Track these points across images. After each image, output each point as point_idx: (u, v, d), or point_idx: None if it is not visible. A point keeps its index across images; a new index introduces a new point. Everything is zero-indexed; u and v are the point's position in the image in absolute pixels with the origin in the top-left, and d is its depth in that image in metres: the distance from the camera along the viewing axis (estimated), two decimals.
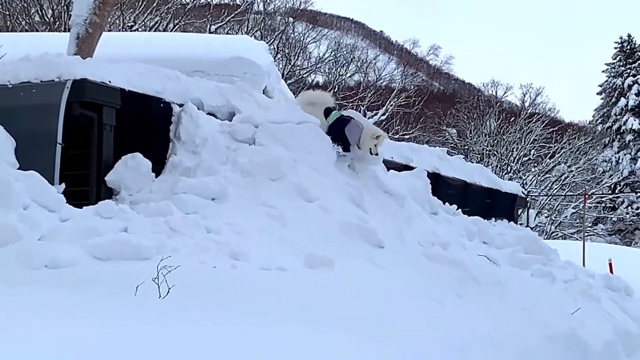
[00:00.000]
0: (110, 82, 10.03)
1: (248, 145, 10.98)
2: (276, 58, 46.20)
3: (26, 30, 37.68)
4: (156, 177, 9.86)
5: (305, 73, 57.89)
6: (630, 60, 68.44)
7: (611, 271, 19.97)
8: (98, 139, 9.93)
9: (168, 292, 5.99)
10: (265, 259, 7.60)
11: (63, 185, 9.09)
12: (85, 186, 9.79)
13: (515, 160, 57.91)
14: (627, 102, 65.65)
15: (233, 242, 7.94)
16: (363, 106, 48.82)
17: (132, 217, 8.31)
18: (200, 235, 8.11)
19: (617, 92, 67.82)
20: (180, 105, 10.85)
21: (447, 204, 15.24)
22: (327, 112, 12.25)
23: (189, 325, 5.37)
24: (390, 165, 14.37)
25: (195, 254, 7.48)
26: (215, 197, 9.31)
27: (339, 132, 11.88)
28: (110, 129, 10.00)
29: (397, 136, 44.79)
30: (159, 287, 6.01)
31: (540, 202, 56.10)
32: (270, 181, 10.10)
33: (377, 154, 11.91)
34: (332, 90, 46.19)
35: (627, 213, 64.48)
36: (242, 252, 7.69)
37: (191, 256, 7.35)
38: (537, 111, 66.52)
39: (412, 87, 63.02)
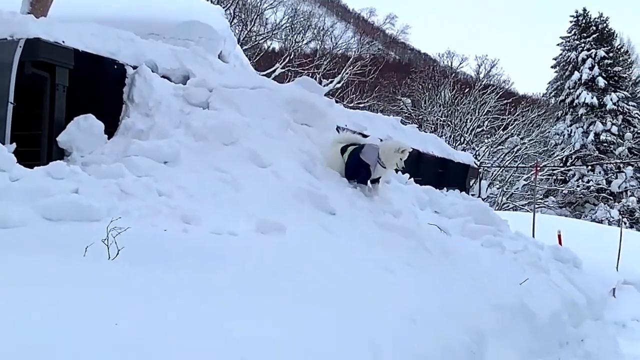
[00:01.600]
0: (63, 42, 9.92)
1: (202, 109, 10.95)
2: (232, 23, 45.92)
3: None
4: (109, 139, 9.80)
5: (262, 39, 57.68)
6: (585, 35, 68.65)
7: (560, 243, 20.14)
8: (50, 100, 9.83)
9: (117, 253, 5.97)
10: (216, 223, 7.59)
11: (14, 145, 9.01)
12: (36, 147, 9.70)
13: (469, 131, 58.11)
14: (581, 75, 65.93)
15: (185, 205, 7.93)
16: (319, 74, 48.75)
17: (83, 178, 8.24)
18: (151, 198, 8.07)
19: (571, 65, 68.05)
20: (134, 68, 10.77)
21: (399, 172, 15.28)
22: (344, 149, 12.10)
23: (137, 286, 5.37)
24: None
25: (146, 217, 7.45)
26: (168, 161, 9.26)
27: (356, 161, 11.82)
28: (63, 89, 9.90)
29: (352, 104, 44.76)
30: (108, 249, 5.99)
31: (493, 173, 56.39)
32: (223, 145, 10.08)
33: (403, 168, 11.99)
34: (288, 57, 46.07)
35: (578, 186, 64.95)
36: (193, 216, 7.67)
37: (142, 219, 7.33)
38: (491, 83, 66.85)
39: (368, 56, 62.92)
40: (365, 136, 14.94)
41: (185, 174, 8.88)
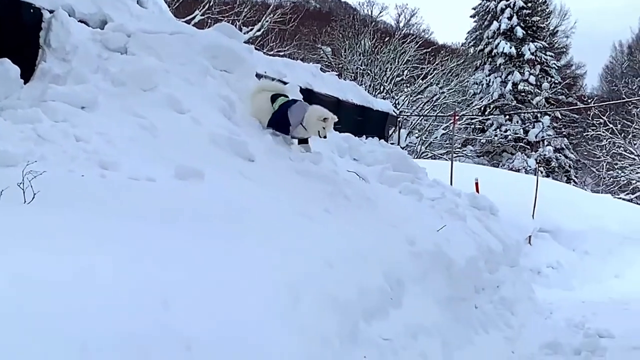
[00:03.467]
0: None
1: (120, 55, 10.84)
2: None
3: None
4: (25, 83, 9.65)
5: None
6: None
7: (477, 191, 20.38)
8: None
9: (33, 197, 5.93)
10: (134, 169, 7.55)
11: None
12: None
13: (389, 80, 58.27)
14: (500, 25, 66.37)
15: (102, 151, 7.86)
16: (239, 21, 48.28)
17: None
18: (69, 143, 7.98)
19: (490, 15, 68.44)
20: (51, 12, 10.59)
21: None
22: (274, 98, 11.93)
23: (53, 229, 5.36)
24: None
25: (63, 163, 7.36)
26: (86, 106, 9.14)
27: (280, 115, 11.65)
28: None
29: (272, 52, 44.53)
30: (24, 193, 5.94)
31: (412, 122, 56.70)
32: (141, 91, 10.00)
33: (325, 137, 11.76)
34: (208, 4, 45.61)
35: (496, 135, 65.65)
36: (111, 162, 7.61)
37: (59, 164, 7.24)
38: (411, 32, 67.06)
39: (288, 4, 62.45)
40: (284, 83, 14.90)
41: (103, 120, 8.79)
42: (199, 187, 7.74)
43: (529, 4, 67.55)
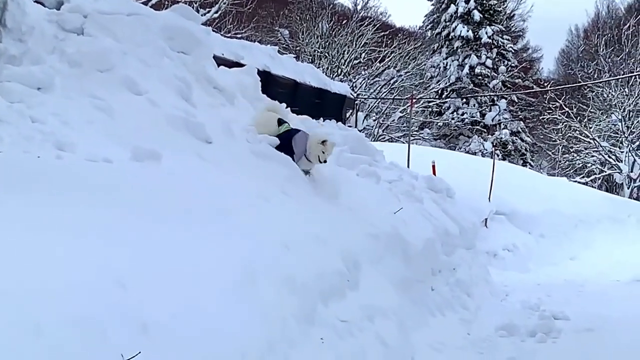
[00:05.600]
0: None
1: (76, 36, 10.76)
2: None
3: None
4: None
5: None
6: None
7: (434, 173, 20.46)
8: None
9: None
10: (91, 151, 7.50)
11: None
12: None
13: (346, 63, 58.29)
14: (457, 9, 66.46)
15: (58, 132, 7.80)
16: (196, 3, 48.05)
17: None
18: (25, 124, 7.91)
19: None
20: None
21: (276, 102, 15.30)
22: (280, 122, 11.87)
23: (7, 210, 5.33)
24: (220, 61, 14.34)
25: (19, 143, 7.30)
26: (41, 87, 9.06)
27: (285, 142, 11.47)
28: None
29: (229, 35, 44.35)
30: None
31: (369, 105, 56.81)
32: (98, 72, 9.93)
33: (325, 161, 11.38)
34: None
35: (453, 119, 65.89)
36: (67, 143, 7.56)
37: (15, 145, 7.18)
38: (368, 15, 66.96)
39: None
40: (241, 65, 14.89)
41: (60, 101, 8.73)
42: (156, 168, 7.72)
43: None
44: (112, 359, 4.33)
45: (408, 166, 20.97)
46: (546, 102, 62.46)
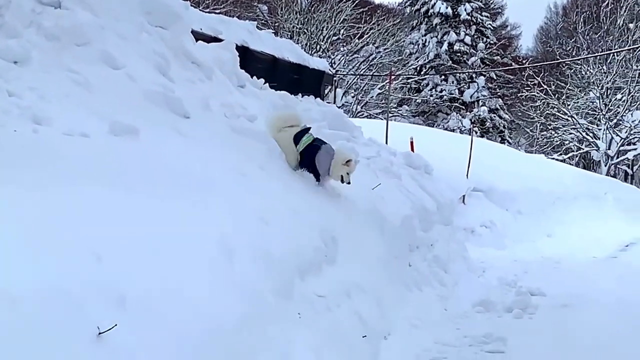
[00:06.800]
0: None
1: (54, 9, 10.66)
2: None
3: None
4: None
5: None
6: None
7: (412, 149, 20.48)
8: None
9: None
10: (68, 125, 7.46)
11: None
12: None
13: (325, 40, 58.14)
14: None
15: (35, 106, 7.75)
16: None
17: None
18: (1, 98, 7.87)
19: None
20: None
21: (254, 78, 15.29)
22: (297, 138, 11.12)
23: None
24: (198, 36, 14.29)
25: None
26: (18, 61, 8.99)
27: (308, 162, 11.00)
28: None
29: (207, 10, 44.20)
30: None
31: (348, 81, 56.76)
32: (75, 47, 9.86)
33: (349, 183, 10.90)
34: None
35: (431, 95, 66.01)
36: (44, 117, 7.52)
37: None
38: None
39: None
40: (220, 40, 14.83)
41: (37, 75, 8.67)
42: (134, 143, 7.69)
43: None
44: (89, 331, 4.33)
45: (386, 143, 20.96)
46: (524, 79, 62.65)
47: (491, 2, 74.88)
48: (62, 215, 5.17)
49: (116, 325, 4.41)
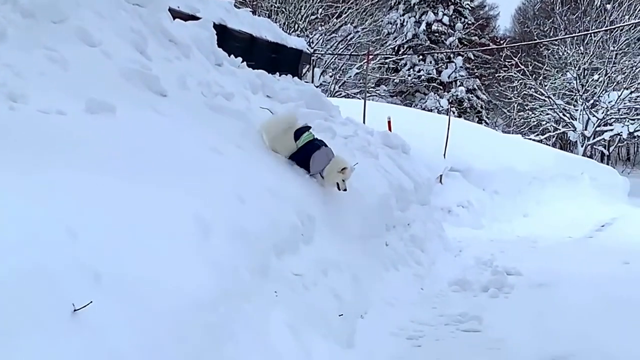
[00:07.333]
0: None
1: None
2: None
3: None
4: None
5: None
6: None
7: (390, 129, 20.49)
8: None
9: None
10: (44, 103, 7.41)
11: None
12: None
13: (303, 19, 57.96)
14: None
15: (11, 83, 7.69)
16: None
17: None
18: None
19: None
20: None
21: (232, 56, 15.23)
22: (298, 134, 11.01)
23: None
24: (176, 14, 14.22)
25: None
26: None
27: (303, 156, 10.89)
28: None
29: None
30: None
31: (326, 61, 56.67)
32: (51, 23, 9.78)
33: (345, 190, 10.82)
34: None
35: (409, 75, 66.05)
36: (20, 94, 7.47)
37: None
38: None
39: None
40: (197, 18, 14.77)
41: (12, 52, 8.60)
42: (111, 121, 7.65)
43: None
44: (63, 308, 4.32)
45: (364, 122, 20.97)
46: (502, 59, 62.90)
47: None
48: (38, 192, 5.15)
49: (91, 302, 4.40)
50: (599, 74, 58.59)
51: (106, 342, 4.44)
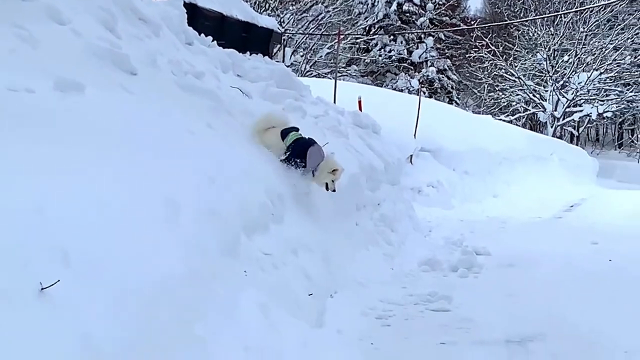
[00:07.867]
0: None
1: None
2: None
3: None
4: None
5: None
6: None
7: (360, 109, 20.49)
8: None
9: None
10: (13, 81, 7.36)
11: None
12: None
13: None
14: None
15: None
16: None
17: None
18: None
19: None
20: None
21: (202, 35, 15.19)
22: (285, 133, 10.93)
23: None
24: None
25: None
26: None
27: (301, 151, 10.73)
28: None
29: None
30: None
31: (297, 40, 56.55)
32: (21, 1, 9.72)
33: (334, 190, 10.85)
34: None
35: (380, 56, 66.06)
36: None
37: None
38: None
39: None
40: None
41: None
42: (79, 99, 7.60)
43: None
44: (31, 287, 4.30)
45: (334, 102, 20.95)
46: (473, 40, 63.07)
47: None
48: (5, 168, 5.11)
49: (59, 280, 4.38)
50: (569, 55, 58.82)
51: (75, 320, 4.42)
